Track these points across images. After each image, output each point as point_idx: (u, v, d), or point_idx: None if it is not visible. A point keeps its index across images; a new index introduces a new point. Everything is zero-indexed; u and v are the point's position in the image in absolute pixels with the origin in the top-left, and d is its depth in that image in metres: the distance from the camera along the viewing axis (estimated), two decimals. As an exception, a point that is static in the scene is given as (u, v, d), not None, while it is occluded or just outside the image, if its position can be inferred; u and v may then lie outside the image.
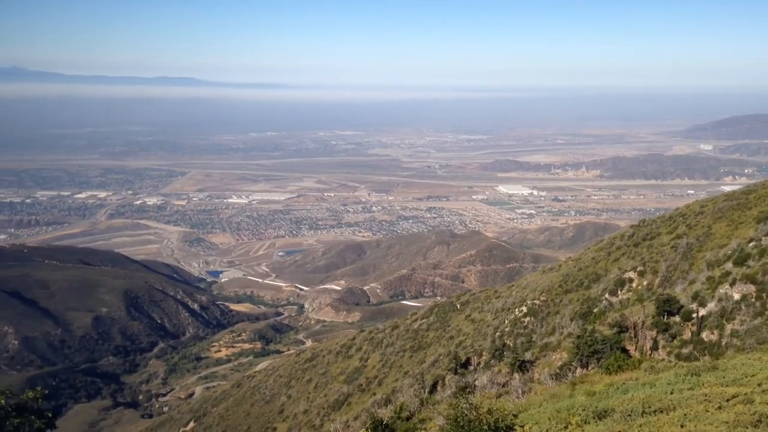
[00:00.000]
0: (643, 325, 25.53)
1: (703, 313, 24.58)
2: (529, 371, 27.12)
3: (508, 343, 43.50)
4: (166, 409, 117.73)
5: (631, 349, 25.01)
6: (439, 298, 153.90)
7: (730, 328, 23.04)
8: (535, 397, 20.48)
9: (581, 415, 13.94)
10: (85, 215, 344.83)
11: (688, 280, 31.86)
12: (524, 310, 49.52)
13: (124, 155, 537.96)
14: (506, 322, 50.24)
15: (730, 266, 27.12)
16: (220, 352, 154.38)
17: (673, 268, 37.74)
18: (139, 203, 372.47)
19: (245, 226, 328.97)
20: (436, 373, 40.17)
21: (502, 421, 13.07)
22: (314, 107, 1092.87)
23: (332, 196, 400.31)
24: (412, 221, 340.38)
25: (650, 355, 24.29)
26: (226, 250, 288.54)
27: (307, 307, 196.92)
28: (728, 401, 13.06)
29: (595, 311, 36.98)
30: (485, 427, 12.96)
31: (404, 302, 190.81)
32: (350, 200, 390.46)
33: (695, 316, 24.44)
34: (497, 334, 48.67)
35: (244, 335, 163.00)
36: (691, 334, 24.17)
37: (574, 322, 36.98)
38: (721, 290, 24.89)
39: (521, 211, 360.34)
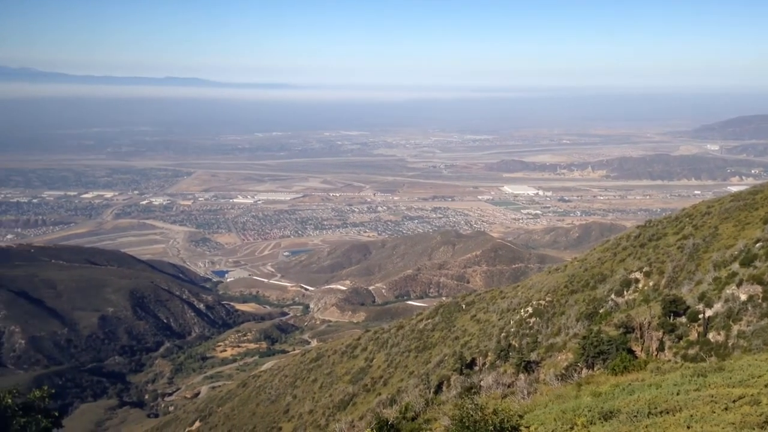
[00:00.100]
0: (649, 325, 25.45)
1: (709, 313, 24.49)
2: (534, 372, 27.09)
3: (513, 343, 43.36)
4: (171, 408, 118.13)
5: (637, 350, 24.94)
6: (444, 298, 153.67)
7: (736, 329, 22.95)
8: (540, 397, 20.44)
9: (587, 415, 13.94)
10: (91, 215, 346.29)
11: (694, 280, 31.76)
12: (530, 310, 49.45)
13: (130, 155, 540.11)
14: (512, 322, 50.16)
15: (736, 267, 27.02)
16: (225, 351, 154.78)
17: (679, 268, 37.62)
18: (145, 203, 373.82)
19: (251, 226, 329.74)
20: (441, 373, 40.12)
21: (507, 421, 13.08)
22: (316, 107, 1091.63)
23: (338, 196, 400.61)
24: (417, 221, 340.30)
25: (656, 356, 24.22)
26: (231, 250, 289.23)
27: (312, 307, 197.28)
28: (735, 402, 13.02)
29: (600, 312, 36.89)
30: (491, 427, 12.97)
31: (409, 302, 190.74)
32: (356, 200, 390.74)
33: (702, 316, 24.35)
34: (503, 334, 48.62)
35: (249, 335, 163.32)
36: (697, 335, 24.08)
37: (579, 322, 36.89)
38: (727, 291, 24.80)
39: (527, 211, 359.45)
